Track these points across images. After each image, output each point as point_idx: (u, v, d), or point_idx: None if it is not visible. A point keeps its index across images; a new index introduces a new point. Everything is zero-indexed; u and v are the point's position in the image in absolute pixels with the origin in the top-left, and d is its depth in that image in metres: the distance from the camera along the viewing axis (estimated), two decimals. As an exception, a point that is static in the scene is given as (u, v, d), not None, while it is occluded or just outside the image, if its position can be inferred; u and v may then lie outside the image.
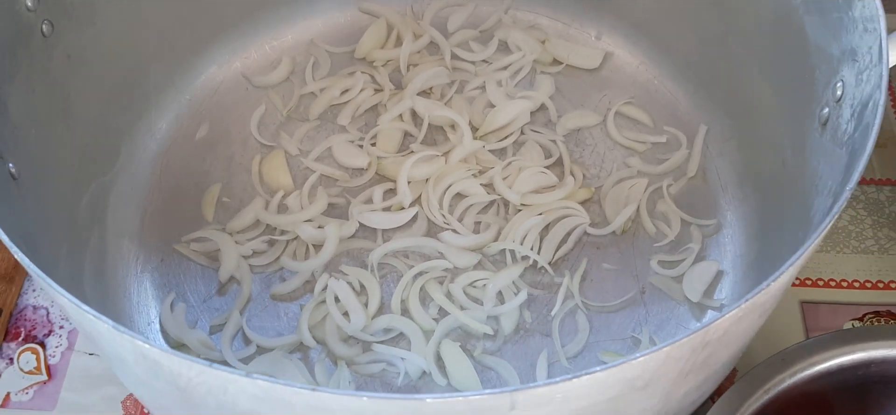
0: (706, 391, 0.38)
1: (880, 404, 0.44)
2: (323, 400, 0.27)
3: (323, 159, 0.55)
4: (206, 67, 0.58)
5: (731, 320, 0.29)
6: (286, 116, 0.57)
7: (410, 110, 0.57)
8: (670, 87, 0.57)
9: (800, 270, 0.51)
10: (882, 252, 0.52)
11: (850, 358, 0.42)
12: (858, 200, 0.54)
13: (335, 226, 0.51)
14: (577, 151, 0.56)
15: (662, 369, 0.29)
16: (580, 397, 0.28)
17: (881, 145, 0.57)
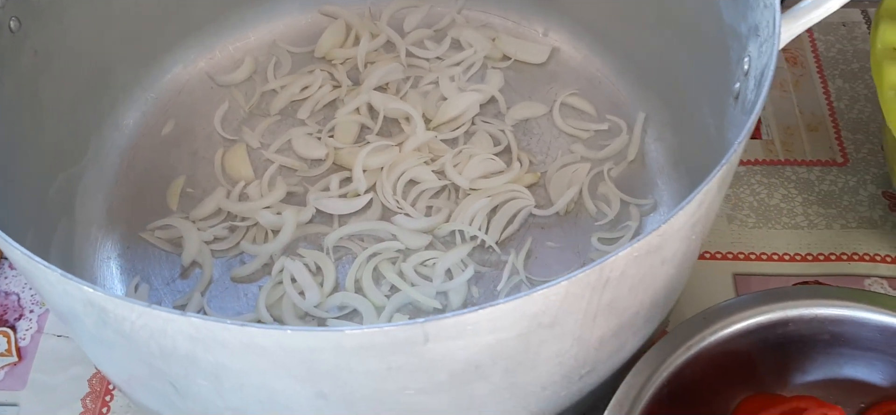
0: (629, 346, 0.41)
1: (800, 362, 0.47)
2: (252, 335, 0.29)
3: (283, 151, 0.58)
4: (172, 67, 0.61)
5: (626, 259, 0.31)
6: (248, 112, 0.60)
7: (367, 104, 0.60)
8: (612, 78, 0.60)
9: (732, 245, 0.54)
10: (811, 227, 0.55)
11: (768, 317, 0.44)
12: (790, 180, 0.57)
13: (293, 212, 0.54)
14: (524, 140, 0.59)
15: (565, 306, 0.32)
16: (489, 330, 0.31)
17: (813, 129, 0.60)
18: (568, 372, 0.38)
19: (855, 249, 0.54)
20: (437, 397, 0.35)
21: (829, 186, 0.57)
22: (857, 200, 0.56)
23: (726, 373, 0.46)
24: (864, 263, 0.53)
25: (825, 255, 0.54)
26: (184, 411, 0.38)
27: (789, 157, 0.58)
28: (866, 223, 0.55)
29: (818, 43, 0.65)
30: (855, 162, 0.58)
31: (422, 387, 0.33)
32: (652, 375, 0.42)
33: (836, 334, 0.45)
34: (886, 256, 0.54)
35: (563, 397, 0.40)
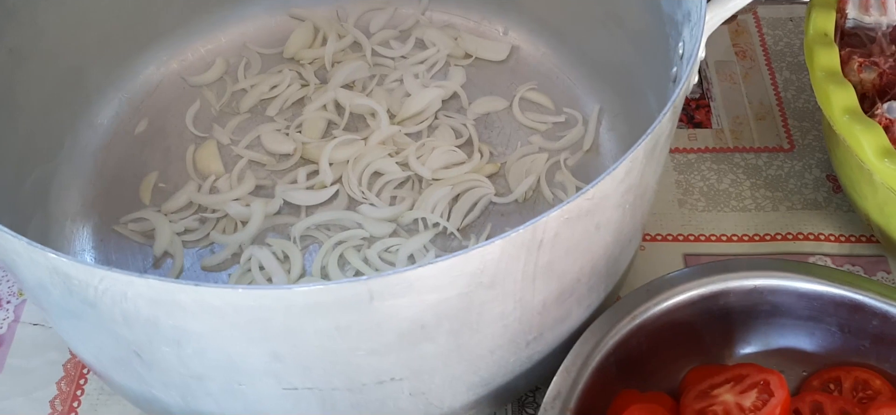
0: (575, 315, 0.43)
1: (744, 333, 0.49)
2: (205, 295, 0.31)
3: (252, 147, 0.60)
4: (144, 68, 0.63)
5: (557, 220, 0.34)
6: (219, 110, 0.62)
7: (334, 101, 0.62)
8: (569, 73, 0.63)
9: (683, 227, 0.57)
10: (758, 210, 0.58)
11: (709, 288, 0.47)
12: (739, 166, 0.60)
13: (261, 203, 0.56)
14: (485, 133, 0.61)
15: (502, 265, 0.34)
16: (431, 288, 0.33)
17: (761, 118, 0.62)
18: (514, 336, 0.40)
19: (800, 230, 0.56)
20: (388, 358, 0.37)
21: (776, 171, 0.59)
22: (802, 184, 0.59)
23: (673, 344, 0.48)
24: (808, 242, 0.56)
25: (771, 235, 0.56)
26: (149, 382, 0.40)
27: (738, 144, 0.61)
28: (811, 205, 0.58)
29: (767, 37, 0.68)
30: (801, 148, 0.61)
31: (372, 347, 0.35)
32: (598, 344, 0.45)
33: (775, 305, 0.48)
34: (830, 235, 0.56)
35: (513, 364, 0.42)
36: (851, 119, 0.46)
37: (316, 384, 0.37)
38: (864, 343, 0.47)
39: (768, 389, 0.44)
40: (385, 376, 0.38)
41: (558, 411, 0.42)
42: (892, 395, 0.47)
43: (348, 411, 0.40)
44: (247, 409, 0.39)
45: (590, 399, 0.44)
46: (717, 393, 0.45)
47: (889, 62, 0.49)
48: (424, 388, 0.40)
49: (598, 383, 0.45)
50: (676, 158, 0.61)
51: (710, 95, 0.64)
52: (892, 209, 0.47)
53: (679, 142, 0.62)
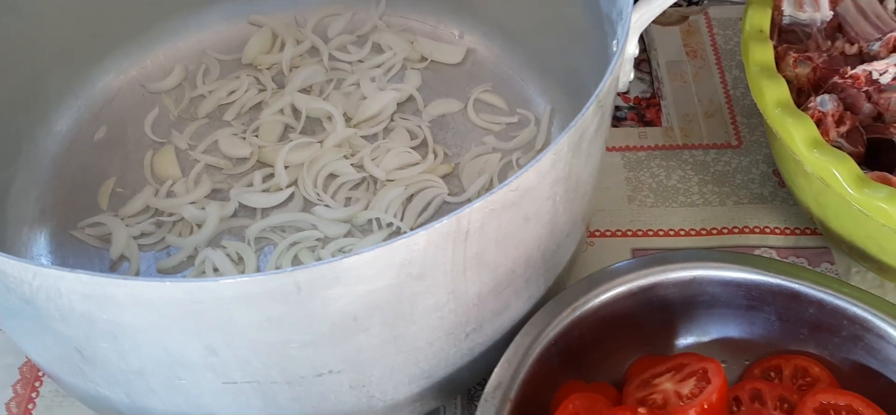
0: (514, 307, 0.44)
1: (686, 324, 0.50)
2: (136, 288, 0.32)
3: (209, 151, 0.61)
4: (103, 75, 0.64)
5: (481, 211, 0.35)
6: (177, 116, 0.63)
7: (291, 105, 0.63)
8: (522, 74, 0.64)
9: (632, 223, 0.58)
10: (706, 204, 0.59)
11: (648, 280, 0.48)
12: (687, 162, 0.61)
13: (216, 206, 0.57)
14: (440, 134, 0.62)
15: (430, 256, 0.35)
16: (358, 280, 0.34)
17: (710, 116, 0.64)
18: (451, 328, 0.41)
19: (746, 223, 0.58)
20: (324, 350, 0.38)
21: (724, 167, 0.61)
22: (749, 179, 0.60)
23: (616, 335, 0.49)
24: (754, 234, 0.57)
25: (718, 229, 0.58)
26: (94, 380, 0.41)
27: (687, 141, 0.62)
28: (757, 199, 0.59)
29: (717, 37, 0.69)
30: (748, 144, 0.62)
31: (306, 339, 0.36)
32: (539, 335, 0.46)
33: (714, 295, 0.49)
34: (775, 228, 0.57)
35: (454, 356, 0.43)
36: (783, 112, 0.47)
37: (255, 378, 0.38)
38: (803, 331, 0.48)
39: (706, 376, 0.45)
40: (323, 369, 0.39)
41: (498, 402, 0.43)
42: (831, 381, 0.48)
43: (290, 405, 0.41)
44: (189, 404, 0.40)
45: (531, 390, 0.45)
46: (657, 382, 0.47)
47: (823, 57, 0.51)
48: (364, 380, 0.41)
49: (540, 374, 0.46)
50: (627, 155, 0.62)
51: (660, 95, 0.66)
52: (827, 200, 0.48)
53: (629, 140, 0.63)
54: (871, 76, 0.48)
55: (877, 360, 0.47)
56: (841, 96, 0.49)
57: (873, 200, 0.44)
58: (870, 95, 0.49)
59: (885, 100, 0.49)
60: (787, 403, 0.46)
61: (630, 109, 0.65)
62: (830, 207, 0.49)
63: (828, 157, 0.45)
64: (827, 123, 0.48)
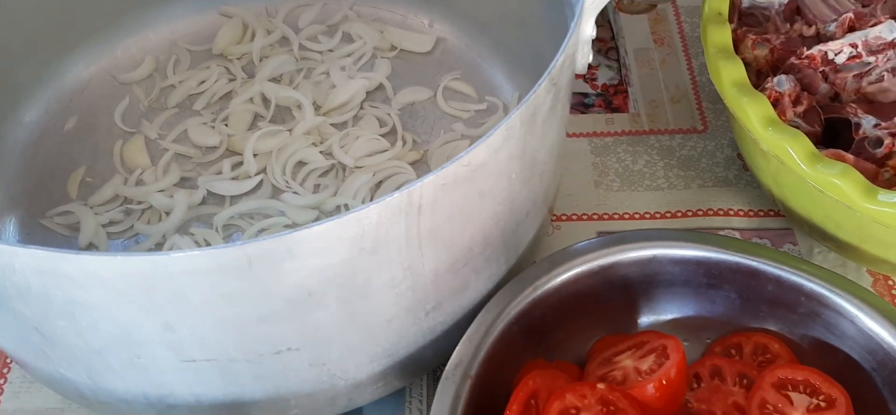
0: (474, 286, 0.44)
1: (647, 302, 0.50)
2: (88, 263, 0.33)
3: (179, 141, 0.61)
4: (74, 66, 0.64)
5: (433, 186, 0.35)
6: (148, 106, 0.63)
7: (260, 94, 0.63)
8: (491, 62, 0.65)
9: (598, 207, 0.59)
10: (671, 188, 0.59)
11: (608, 259, 0.48)
12: (653, 147, 0.62)
13: (185, 194, 0.57)
14: (410, 122, 0.63)
15: (383, 231, 0.35)
16: (310, 254, 0.34)
17: (676, 102, 0.64)
18: (410, 305, 0.41)
19: (710, 206, 0.58)
20: (281, 327, 0.38)
21: (690, 151, 0.61)
22: (714, 162, 0.61)
23: (578, 315, 0.49)
24: (718, 217, 0.58)
25: (683, 211, 0.58)
26: (55, 361, 0.41)
27: (654, 127, 0.63)
28: (722, 182, 0.60)
29: (684, 24, 0.70)
30: (714, 129, 0.63)
31: (261, 315, 0.37)
32: (500, 314, 0.46)
33: (675, 274, 0.49)
34: (739, 210, 0.58)
35: (415, 334, 0.43)
36: (739, 92, 0.48)
37: (213, 356, 0.39)
38: (762, 309, 0.49)
39: (665, 353, 0.45)
40: (281, 346, 0.39)
41: (459, 379, 0.44)
42: (791, 358, 0.49)
43: (251, 383, 0.41)
44: (150, 383, 0.40)
45: (494, 369, 0.45)
46: (618, 359, 0.47)
47: (781, 39, 0.51)
48: (324, 358, 0.41)
49: (502, 354, 0.46)
50: (594, 141, 0.62)
51: (628, 82, 0.66)
52: (785, 179, 0.49)
53: (596, 126, 0.63)
54: (826, 56, 0.49)
55: (835, 335, 0.47)
56: (798, 77, 0.50)
57: (827, 177, 0.44)
58: (826, 76, 0.50)
59: (842, 80, 0.50)
60: (746, 379, 0.47)
61: (598, 96, 0.66)
62: (788, 186, 0.50)
63: (782, 135, 0.46)
64: (784, 104, 0.48)
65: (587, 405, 0.43)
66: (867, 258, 0.51)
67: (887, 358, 0.45)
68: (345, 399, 0.45)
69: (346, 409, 0.46)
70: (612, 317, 0.51)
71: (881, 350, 0.45)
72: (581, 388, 0.44)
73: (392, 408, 0.50)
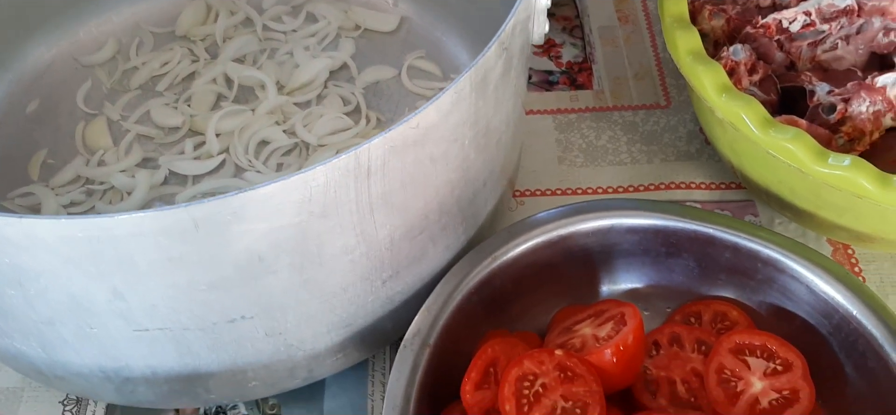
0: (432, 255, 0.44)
1: (607, 273, 0.51)
2: (31, 227, 0.32)
3: (141, 122, 0.61)
4: (35, 49, 0.63)
5: (381, 148, 0.35)
6: (110, 88, 0.63)
7: (224, 75, 0.63)
8: (454, 40, 0.65)
9: (561, 182, 0.59)
10: (634, 163, 0.60)
11: (567, 230, 0.49)
12: (617, 123, 0.62)
13: (146, 174, 0.57)
14: (374, 100, 0.63)
15: (332, 194, 0.35)
16: (257, 217, 0.34)
17: (640, 79, 0.65)
18: (366, 274, 0.41)
19: (672, 179, 0.59)
20: (233, 294, 0.38)
21: (653, 127, 0.62)
22: (676, 137, 0.61)
23: (539, 286, 0.50)
24: (680, 190, 0.58)
25: (645, 185, 0.59)
26: (8, 334, 0.41)
27: (617, 103, 0.63)
28: (684, 156, 0.60)
29: (649, 2, 0.70)
30: (677, 104, 0.63)
31: (211, 281, 0.37)
32: (459, 284, 0.46)
33: (634, 243, 0.50)
34: (701, 183, 0.59)
35: (373, 303, 0.43)
36: (694, 60, 0.48)
37: (166, 325, 0.38)
38: (721, 276, 0.50)
39: (623, 320, 0.45)
40: (234, 314, 0.39)
41: (418, 348, 0.44)
42: (749, 324, 0.49)
43: (206, 354, 0.41)
44: (104, 355, 0.40)
45: (454, 339, 0.45)
46: (577, 328, 0.47)
47: (737, 9, 0.52)
48: (280, 327, 0.41)
49: (462, 324, 0.46)
50: (558, 118, 0.63)
51: (592, 59, 0.67)
52: (741, 147, 0.50)
53: (561, 103, 0.64)
54: (781, 25, 0.49)
55: (791, 301, 0.48)
56: (754, 46, 0.50)
57: (780, 141, 0.45)
58: (782, 45, 0.50)
59: (797, 48, 0.50)
60: (704, 345, 0.47)
61: (562, 74, 0.66)
62: (745, 155, 0.50)
63: (736, 101, 0.46)
64: (740, 72, 0.49)
65: (545, 371, 0.43)
66: (825, 226, 0.51)
67: (843, 322, 0.46)
68: (304, 371, 0.45)
69: (307, 381, 0.46)
70: (573, 288, 0.51)
71: (837, 314, 0.46)
72: (539, 355, 0.44)
73: (354, 381, 0.50)
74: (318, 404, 0.49)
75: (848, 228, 0.50)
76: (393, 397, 0.42)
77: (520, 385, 0.43)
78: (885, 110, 0.45)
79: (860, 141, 0.46)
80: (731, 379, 0.45)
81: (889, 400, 0.43)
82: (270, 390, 0.45)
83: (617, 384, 0.45)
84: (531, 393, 0.42)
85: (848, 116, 0.46)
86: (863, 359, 0.45)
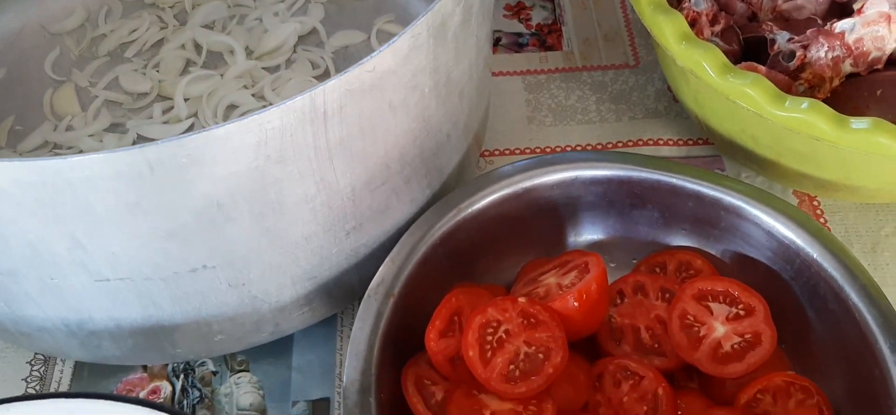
0: (396, 208, 0.44)
1: (573, 225, 0.51)
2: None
3: (110, 88, 0.61)
4: (3, 18, 0.63)
5: (337, 90, 0.35)
6: (79, 55, 0.63)
7: (192, 40, 0.63)
8: (424, 4, 0.65)
9: (530, 141, 0.59)
10: (603, 122, 0.60)
11: (530, 182, 0.49)
12: (586, 83, 0.62)
13: (114, 138, 0.57)
14: (344, 65, 0.62)
15: (289, 138, 0.35)
16: (213, 161, 0.34)
17: (609, 40, 0.65)
18: (329, 224, 0.41)
19: (640, 136, 0.59)
20: (193, 243, 0.38)
21: (621, 86, 0.62)
22: (644, 96, 0.61)
23: (505, 239, 0.50)
24: (648, 146, 0.59)
25: (614, 143, 0.59)
26: (-30, 288, 0.41)
27: (587, 63, 0.63)
28: (652, 114, 0.60)
29: (618, -36, 0.70)
30: (645, 64, 0.63)
31: (170, 229, 0.37)
32: (424, 236, 0.46)
33: (597, 194, 0.50)
34: (669, 139, 0.59)
35: (337, 255, 0.44)
36: (655, 10, 0.48)
37: (127, 275, 0.39)
38: (685, 226, 0.50)
39: (587, 268, 0.46)
40: (196, 264, 0.39)
41: (381, 298, 0.44)
42: (713, 273, 0.50)
43: (170, 305, 0.41)
44: (67, 308, 0.40)
45: (419, 290, 0.46)
46: (543, 278, 0.48)
47: (699, -38, 0.52)
48: (243, 278, 0.41)
49: (427, 275, 0.46)
50: (527, 79, 0.63)
51: (562, 21, 0.67)
52: (704, 97, 0.50)
53: (531, 64, 0.64)
54: (742, -24, 0.50)
55: (754, 248, 0.48)
56: (716, -2, 0.51)
57: (739, 86, 0.45)
58: (743, -4, 0.51)
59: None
60: (668, 293, 0.48)
61: (532, 36, 0.66)
62: (708, 105, 0.50)
63: (696, 49, 0.46)
64: (701, 23, 0.49)
65: (508, 319, 0.43)
66: (789, 176, 0.52)
67: (804, 266, 0.46)
68: (271, 325, 0.45)
69: (275, 336, 0.46)
70: (540, 241, 0.51)
71: (798, 258, 0.46)
72: (502, 302, 0.44)
73: (323, 337, 0.50)
74: (286, 359, 0.49)
75: (811, 176, 0.50)
76: (356, 345, 0.42)
77: (483, 332, 0.43)
78: (843, 56, 0.46)
79: (820, 88, 0.47)
80: (694, 325, 0.45)
81: (849, 341, 0.44)
82: (237, 345, 0.46)
83: (581, 332, 0.45)
84: (494, 339, 0.43)
85: (807, 63, 0.46)
86: (824, 302, 0.45)
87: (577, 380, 0.45)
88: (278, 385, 0.48)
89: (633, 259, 0.51)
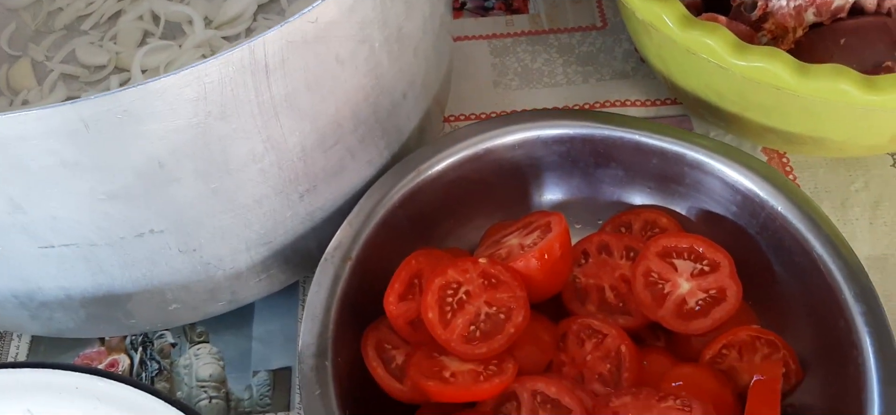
0: (352, 171, 0.43)
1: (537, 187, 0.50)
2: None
3: (67, 61, 0.60)
4: (-47, -7, 0.62)
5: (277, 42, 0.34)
6: (35, 30, 0.62)
7: (150, 11, 0.62)
8: (387, -31, 0.64)
9: (496, 105, 0.58)
10: (570, 84, 0.59)
11: (491, 143, 0.48)
12: (553, 46, 0.61)
13: (71, 111, 0.56)
14: (306, 33, 0.61)
15: (229, 92, 0.34)
16: (151, 117, 0.33)
17: (577, 1, 0.64)
18: (279, 185, 0.40)
19: (607, 97, 0.58)
20: (137, 204, 0.37)
21: (588, 48, 0.61)
22: (612, 57, 0.60)
23: (468, 202, 0.49)
24: (616, 107, 0.58)
25: (581, 105, 0.58)
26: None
27: (553, 26, 0.63)
28: (619, 75, 0.59)
29: (585, -73, 0.69)
30: (613, 25, 0.62)
31: (111, 190, 0.36)
32: (383, 198, 0.46)
33: (560, 154, 0.49)
34: (636, 100, 0.58)
35: (291, 219, 0.43)
36: (615, -36, 0.47)
37: (72, 240, 0.37)
38: (650, 184, 0.49)
39: (549, 227, 0.45)
40: (142, 227, 0.38)
41: (339, 261, 0.43)
42: (679, 230, 0.49)
43: (119, 273, 0.40)
44: (14, 277, 0.39)
45: (377, 253, 0.45)
46: (505, 240, 0.47)
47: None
48: (193, 243, 0.40)
49: (386, 239, 0.45)
50: (493, 43, 0.62)
51: (529, -16, 0.66)
52: (667, 52, 0.49)
53: (497, 28, 0.63)
54: (704, -72, 0.49)
55: (719, 204, 0.48)
56: (678, -49, 0.50)
57: (699, 37, 0.44)
58: (706, -51, 0.50)
59: (721, -48, 0.49)
60: (633, 252, 0.47)
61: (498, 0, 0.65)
62: (672, 61, 0.50)
63: (655, 1, 0.45)
64: (663, -23, 0.48)
65: (469, 280, 0.42)
66: (755, 131, 0.51)
67: (769, 219, 0.45)
68: (227, 293, 0.44)
69: (233, 304, 0.45)
70: (504, 204, 0.50)
71: (763, 212, 0.46)
72: (463, 263, 0.43)
73: (284, 307, 0.49)
74: (246, 330, 0.48)
75: (777, 130, 0.49)
76: (312, 308, 0.41)
77: (443, 293, 0.42)
78: (806, 5, 0.45)
79: (784, 39, 0.46)
80: (658, 282, 0.44)
81: (815, 294, 0.43)
82: (194, 315, 0.45)
83: (544, 292, 0.44)
84: (455, 301, 0.42)
85: (769, 12, 0.46)
86: (789, 255, 0.45)
87: (541, 340, 0.44)
88: (238, 355, 0.48)
89: (599, 220, 0.50)
